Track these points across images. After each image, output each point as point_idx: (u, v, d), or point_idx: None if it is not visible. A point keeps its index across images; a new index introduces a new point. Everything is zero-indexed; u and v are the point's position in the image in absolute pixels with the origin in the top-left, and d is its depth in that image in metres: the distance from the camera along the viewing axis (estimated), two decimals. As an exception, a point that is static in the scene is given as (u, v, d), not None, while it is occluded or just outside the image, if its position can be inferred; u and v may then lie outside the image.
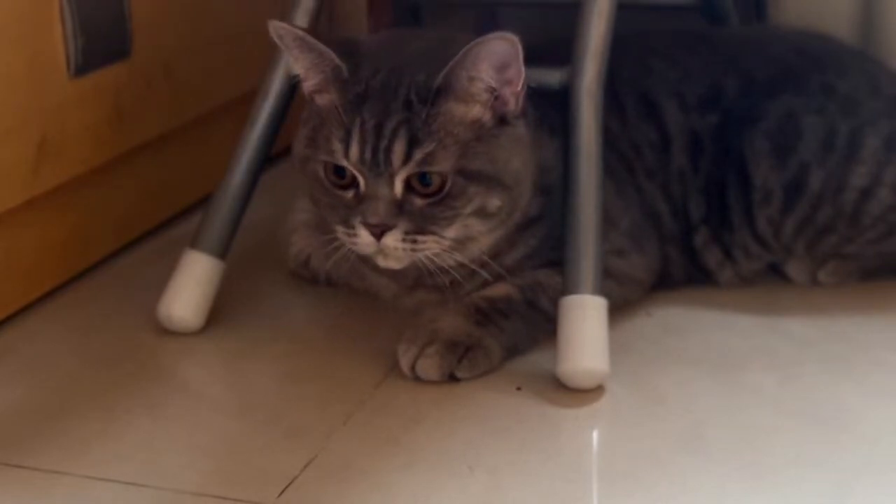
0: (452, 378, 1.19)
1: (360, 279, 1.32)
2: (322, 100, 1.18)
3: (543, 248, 1.25)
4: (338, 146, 1.14)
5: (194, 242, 1.31)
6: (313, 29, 1.30)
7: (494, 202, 1.17)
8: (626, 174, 1.33)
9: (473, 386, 1.19)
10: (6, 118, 1.27)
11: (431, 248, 1.15)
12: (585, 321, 1.17)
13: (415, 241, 1.14)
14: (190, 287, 1.29)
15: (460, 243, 1.17)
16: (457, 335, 1.20)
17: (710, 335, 1.28)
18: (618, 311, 1.26)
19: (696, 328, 1.30)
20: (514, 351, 1.23)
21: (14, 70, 1.28)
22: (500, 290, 1.23)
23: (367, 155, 1.13)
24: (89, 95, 1.39)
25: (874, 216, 1.33)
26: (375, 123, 1.13)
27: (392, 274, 1.25)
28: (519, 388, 1.19)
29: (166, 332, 1.30)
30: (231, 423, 1.15)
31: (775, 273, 1.39)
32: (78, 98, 1.37)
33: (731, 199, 1.34)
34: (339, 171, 1.16)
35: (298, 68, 1.18)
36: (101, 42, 1.39)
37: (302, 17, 1.30)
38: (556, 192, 1.24)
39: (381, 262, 1.17)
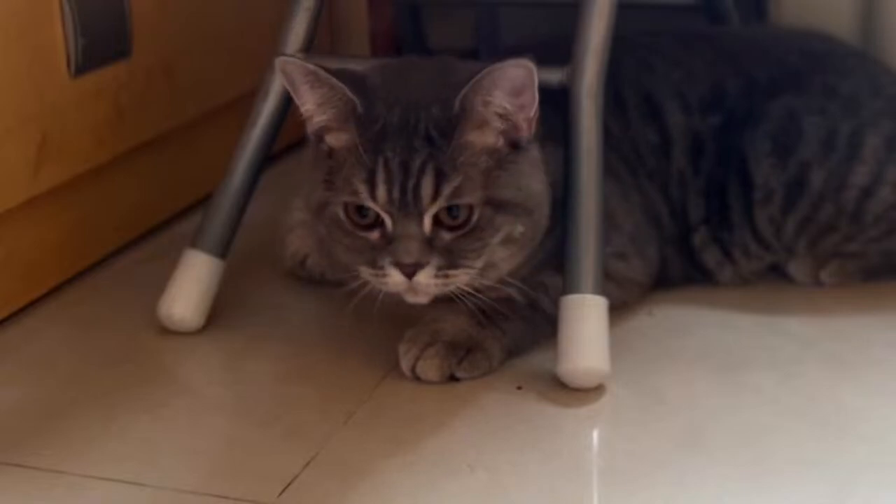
0: (452, 378, 1.19)
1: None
2: (336, 140, 1.15)
3: (550, 257, 1.25)
4: (362, 187, 1.12)
5: (194, 242, 1.31)
6: (313, 29, 1.31)
7: (519, 228, 1.15)
8: (629, 176, 1.33)
9: (474, 386, 1.19)
10: (6, 118, 1.27)
11: (462, 280, 1.14)
12: (586, 320, 1.17)
13: (447, 276, 1.12)
14: (190, 286, 1.29)
15: (485, 270, 1.16)
16: (458, 336, 1.19)
17: (710, 335, 1.28)
18: (618, 310, 1.26)
19: (696, 328, 1.29)
20: (515, 352, 1.23)
21: (14, 70, 1.28)
22: (501, 290, 1.23)
23: (396, 195, 1.11)
24: (89, 95, 1.39)
25: (876, 215, 1.33)
26: (400, 161, 1.11)
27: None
28: (519, 388, 1.18)
29: (166, 331, 1.30)
30: (231, 423, 1.15)
31: (776, 273, 1.39)
32: (78, 98, 1.37)
33: (732, 199, 1.34)
34: (362, 211, 1.13)
35: (307, 105, 1.14)
36: (101, 42, 1.39)
37: (303, 16, 1.30)
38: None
39: (410, 299, 1.14)
